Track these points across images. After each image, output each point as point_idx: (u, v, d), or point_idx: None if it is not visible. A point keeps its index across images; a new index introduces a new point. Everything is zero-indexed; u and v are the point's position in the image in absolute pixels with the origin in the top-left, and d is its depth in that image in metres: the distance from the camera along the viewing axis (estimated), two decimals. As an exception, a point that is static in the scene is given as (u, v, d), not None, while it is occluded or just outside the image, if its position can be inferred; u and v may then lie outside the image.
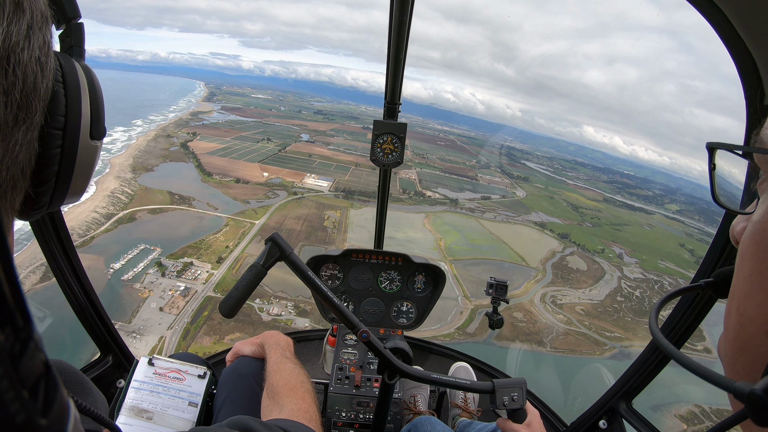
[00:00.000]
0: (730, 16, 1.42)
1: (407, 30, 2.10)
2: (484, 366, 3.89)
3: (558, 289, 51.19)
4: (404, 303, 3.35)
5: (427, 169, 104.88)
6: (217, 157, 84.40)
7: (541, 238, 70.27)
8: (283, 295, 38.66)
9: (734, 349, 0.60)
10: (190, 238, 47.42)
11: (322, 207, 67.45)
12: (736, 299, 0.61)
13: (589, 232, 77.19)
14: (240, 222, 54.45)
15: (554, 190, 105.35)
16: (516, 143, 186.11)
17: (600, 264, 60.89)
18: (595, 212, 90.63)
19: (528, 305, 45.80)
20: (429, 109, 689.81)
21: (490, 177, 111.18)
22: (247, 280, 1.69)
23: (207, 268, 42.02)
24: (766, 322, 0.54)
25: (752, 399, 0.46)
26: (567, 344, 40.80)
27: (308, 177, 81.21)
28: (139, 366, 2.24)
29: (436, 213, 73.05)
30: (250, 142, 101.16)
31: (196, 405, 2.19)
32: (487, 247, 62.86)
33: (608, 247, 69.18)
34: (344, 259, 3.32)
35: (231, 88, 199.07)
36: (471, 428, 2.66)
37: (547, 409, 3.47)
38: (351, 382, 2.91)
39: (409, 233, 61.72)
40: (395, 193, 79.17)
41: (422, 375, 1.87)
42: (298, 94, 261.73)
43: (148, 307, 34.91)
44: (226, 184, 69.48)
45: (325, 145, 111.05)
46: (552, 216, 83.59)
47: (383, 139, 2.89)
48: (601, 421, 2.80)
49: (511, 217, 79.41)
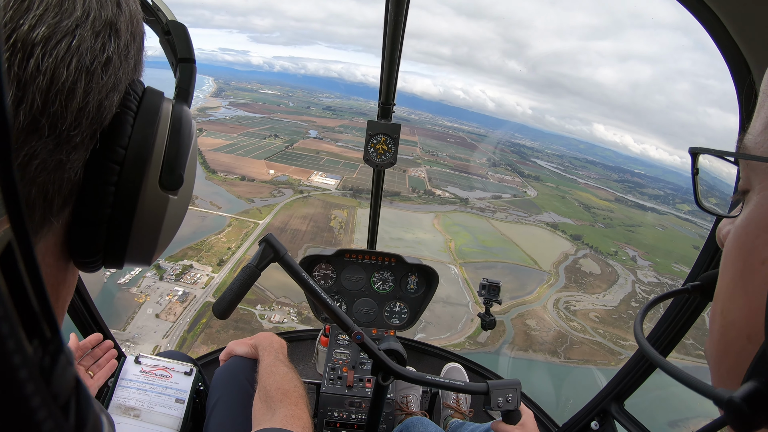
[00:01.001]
0: (722, 16, 1.44)
1: (402, 30, 2.10)
2: (477, 367, 3.84)
3: (571, 294, 50.01)
4: (397, 303, 3.35)
5: (437, 166, 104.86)
6: (223, 154, 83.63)
7: (553, 239, 69.61)
8: (286, 301, 37.31)
9: (718, 352, 0.62)
10: (191, 239, 45.91)
11: (329, 206, 66.36)
12: (719, 302, 0.62)
13: (601, 233, 76.82)
14: (243, 222, 53.07)
15: (566, 190, 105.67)
16: (526, 140, 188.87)
17: (613, 267, 60.09)
18: (607, 212, 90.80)
19: (541, 312, 44.39)
20: (439, 106, 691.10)
21: (501, 175, 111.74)
22: (241, 281, 1.69)
23: (207, 271, 40.71)
24: (747, 325, 0.55)
25: (731, 406, 0.46)
26: (581, 354, 39.22)
27: (315, 174, 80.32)
28: (126, 364, 2.27)
29: (445, 213, 72.04)
30: (257, 139, 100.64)
31: (183, 401, 2.21)
32: (499, 248, 61.74)
33: (621, 249, 68.71)
34: (337, 259, 3.31)
35: (240, 84, 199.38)
36: (463, 429, 2.63)
37: (539, 410, 3.42)
38: (343, 383, 2.90)
39: (419, 234, 60.60)
40: (404, 192, 79.13)
41: (416, 377, 1.86)
42: (307, 89, 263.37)
43: (143, 314, 33.55)
44: (231, 181, 68.43)
45: (333, 142, 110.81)
46: (564, 216, 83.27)
47: (377, 140, 2.86)
48: (593, 423, 2.79)
49: (522, 218, 78.86)
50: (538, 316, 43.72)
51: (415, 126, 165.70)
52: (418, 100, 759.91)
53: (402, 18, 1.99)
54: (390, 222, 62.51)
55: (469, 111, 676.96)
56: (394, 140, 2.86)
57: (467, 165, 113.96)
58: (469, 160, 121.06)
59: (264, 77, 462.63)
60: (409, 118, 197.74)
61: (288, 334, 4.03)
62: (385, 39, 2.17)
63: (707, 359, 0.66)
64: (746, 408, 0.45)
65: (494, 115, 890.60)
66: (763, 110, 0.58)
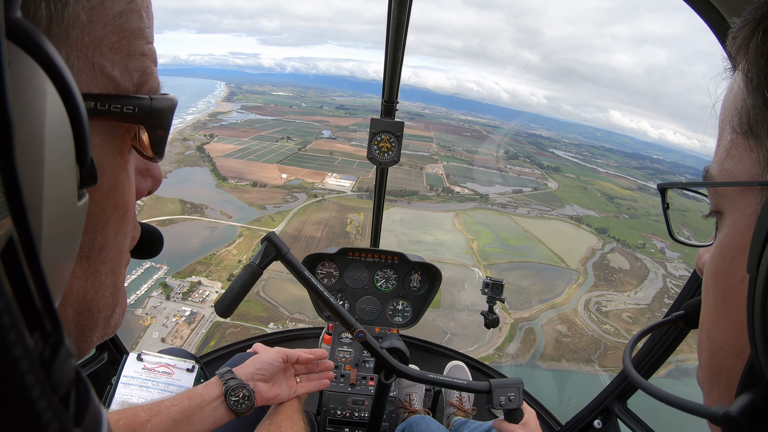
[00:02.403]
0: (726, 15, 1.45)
1: (405, 28, 2.14)
2: (480, 365, 3.85)
3: (602, 294, 47.57)
4: (400, 301, 3.37)
5: (455, 162, 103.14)
6: (234, 159, 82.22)
7: (579, 234, 67.42)
8: (300, 317, 35.27)
9: (709, 375, 0.63)
10: (200, 252, 44.38)
11: (344, 209, 64.37)
12: (705, 329, 0.64)
13: (627, 224, 74.75)
14: (255, 231, 50.89)
15: (587, 180, 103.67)
16: (542, 131, 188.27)
17: (642, 261, 57.83)
18: (631, 202, 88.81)
19: (572, 315, 41.84)
20: (453, 100, 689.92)
21: (520, 168, 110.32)
22: (243, 280, 1.71)
23: (216, 287, 38.69)
24: (735, 345, 0.57)
25: (728, 421, 0.47)
26: (617, 361, 36.63)
27: (329, 176, 78.53)
28: (128, 361, 2.28)
29: (465, 211, 69.71)
30: (269, 142, 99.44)
31: None
32: (523, 247, 59.30)
33: (648, 240, 66.23)
34: (340, 258, 3.33)
35: (252, 87, 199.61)
36: (465, 427, 2.65)
37: (542, 408, 3.44)
38: (346, 381, 2.93)
39: (439, 235, 58.34)
40: (422, 191, 77.49)
41: (419, 375, 1.89)
42: (319, 89, 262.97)
43: (149, 338, 31.98)
44: (242, 188, 66.65)
45: (347, 141, 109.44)
46: (587, 209, 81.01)
47: (380, 138, 2.89)
48: (596, 421, 2.81)
49: (545, 212, 76.89)
50: (569, 320, 41.25)
51: (430, 121, 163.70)
52: (431, 95, 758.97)
53: (405, 16, 2.00)
54: (409, 224, 60.48)
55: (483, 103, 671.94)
56: (398, 138, 2.88)
57: (485, 159, 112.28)
58: (487, 154, 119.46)
59: (276, 79, 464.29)
60: (423, 113, 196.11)
61: (291, 332, 4.05)
62: (388, 37, 2.20)
63: (700, 386, 0.67)
64: (744, 421, 0.46)
65: (509, 106, 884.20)
66: (723, 138, 0.60)
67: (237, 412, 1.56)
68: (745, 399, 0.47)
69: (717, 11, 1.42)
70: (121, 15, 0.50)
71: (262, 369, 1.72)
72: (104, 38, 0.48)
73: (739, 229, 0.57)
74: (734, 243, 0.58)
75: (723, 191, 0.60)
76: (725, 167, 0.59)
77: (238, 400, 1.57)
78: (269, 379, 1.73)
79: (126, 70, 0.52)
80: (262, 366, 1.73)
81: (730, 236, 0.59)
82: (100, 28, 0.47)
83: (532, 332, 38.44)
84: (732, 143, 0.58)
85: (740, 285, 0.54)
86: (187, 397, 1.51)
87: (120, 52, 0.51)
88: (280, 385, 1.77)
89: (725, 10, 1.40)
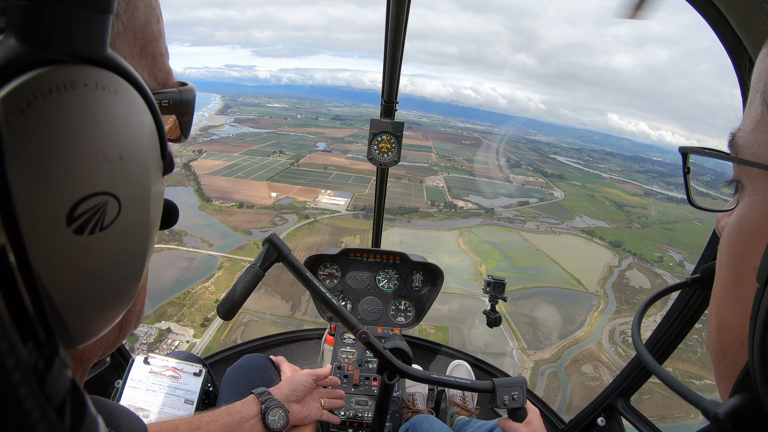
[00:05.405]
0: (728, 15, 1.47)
1: (404, 28, 2.13)
2: (483, 364, 3.81)
3: (626, 321, 42.41)
4: (402, 302, 3.35)
5: (455, 173, 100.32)
6: (221, 177, 77.88)
7: (592, 249, 63.56)
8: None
9: (716, 351, 0.62)
10: (173, 290, 39.05)
11: (338, 232, 59.70)
12: (715, 302, 0.63)
13: (640, 235, 71.88)
14: (237, 262, 45.51)
15: (593, 187, 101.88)
16: (540, 136, 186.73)
17: (662, 277, 54.06)
18: (641, 210, 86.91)
19: (597, 352, 37.10)
20: (449, 107, 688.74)
21: (524, 177, 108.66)
22: (245, 282, 1.72)
23: (188, 335, 33.75)
24: (741, 332, 0.56)
25: (716, 422, 0.48)
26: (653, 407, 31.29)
27: (323, 194, 73.90)
28: (135, 365, 2.28)
29: (470, 228, 65.27)
30: (261, 156, 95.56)
31: (192, 402, 2.25)
32: (535, 269, 54.72)
33: (665, 252, 64.05)
34: (342, 259, 3.32)
35: (247, 99, 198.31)
36: (469, 426, 2.66)
37: (546, 407, 3.41)
38: (350, 381, 2.94)
39: (443, 259, 53.07)
40: (423, 207, 73.57)
41: (423, 375, 1.90)
42: (315, 100, 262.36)
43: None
44: (227, 210, 61.69)
45: (342, 154, 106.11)
46: (597, 219, 78.08)
47: (380, 138, 2.89)
48: (599, 419, 2.80)
49: (554, 225, 73.65)
50: (595, 357, 36.57)
51: (428, 130, 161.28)
52: (428, 103, 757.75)
53: (404, 14, 1.99)
54: (410, 246, 55.19)
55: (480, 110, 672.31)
56: (398, 138, 2.88)
57: (486, 168, 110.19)
58: (488, 163, 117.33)
59: (272, 91, 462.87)
60: (420, 122, 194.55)
61: (293, 333, 4.00)
62: (386, 36, 2.19)
63: (709, 353, 0.67)
64: (729, 424, 0.47)
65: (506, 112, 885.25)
66: (753, 106, 0.57)
67: (273, 430, 1.62)
68: (734, 402, 0.48)
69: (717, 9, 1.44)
70: (146, 23, 0.54)
71: (296, 390, 1.78)
72: (135, 45, 0.52)
73: (758, 213, 0.56)
74: (751, 228, 0.56)
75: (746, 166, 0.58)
76: (750, 141, 0.57)
77: (275, 420, 1.63)
78: (301, 400, 1.80)
79: (152, 71, 0.57)
80: (296, 387, 1.80)
81: (748, 219, 0.57)
82: (131, 36, 0.51)
83: (555, 378, 33.87)
84: (762, 117, 0.55)
85: (753, 272, 0.53)
86: (227, 414, 1.57)
87: (146, 57, 0.55)
88: (309, 405, 1.83)
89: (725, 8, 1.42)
